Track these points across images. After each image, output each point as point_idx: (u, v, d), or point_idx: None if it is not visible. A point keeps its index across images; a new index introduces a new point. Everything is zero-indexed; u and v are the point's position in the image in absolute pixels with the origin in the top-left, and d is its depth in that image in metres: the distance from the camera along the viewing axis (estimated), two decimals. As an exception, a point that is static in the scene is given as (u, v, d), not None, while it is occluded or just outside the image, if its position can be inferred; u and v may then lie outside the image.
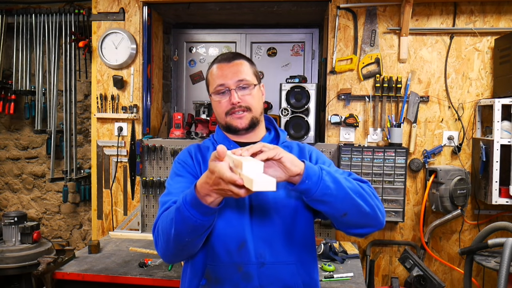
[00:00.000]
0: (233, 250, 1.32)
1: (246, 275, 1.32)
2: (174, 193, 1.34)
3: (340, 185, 1.20)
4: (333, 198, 1.19)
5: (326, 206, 1.21)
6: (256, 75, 1.48)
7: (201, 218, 1.13)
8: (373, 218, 1.27)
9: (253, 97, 1.42)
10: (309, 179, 1.15)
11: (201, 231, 1.18)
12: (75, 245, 3.79)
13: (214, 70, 1.45)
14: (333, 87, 3.04)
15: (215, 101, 1.44)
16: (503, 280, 1.88)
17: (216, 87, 1.42)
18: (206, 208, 1.11)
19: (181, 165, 1.44)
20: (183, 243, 1.21)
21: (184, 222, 1.15)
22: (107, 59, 3.16)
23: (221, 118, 1.44)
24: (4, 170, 3.85)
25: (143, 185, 3.05)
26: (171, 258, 1.32)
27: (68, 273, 2.30)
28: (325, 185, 1.16)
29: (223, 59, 1.46)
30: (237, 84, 1.40)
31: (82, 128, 3.72)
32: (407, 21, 2.87)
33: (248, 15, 3.47)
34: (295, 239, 1.37)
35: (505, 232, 2.52)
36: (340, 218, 1.24)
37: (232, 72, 1.41)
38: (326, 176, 1.18)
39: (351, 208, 1.22)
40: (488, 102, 2.82)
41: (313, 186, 1.16)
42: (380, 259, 3.08)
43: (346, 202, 1.21)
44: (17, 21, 3.40)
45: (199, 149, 1.49)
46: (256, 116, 1.43)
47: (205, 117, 3.31)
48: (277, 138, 1.52)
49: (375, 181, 2.85)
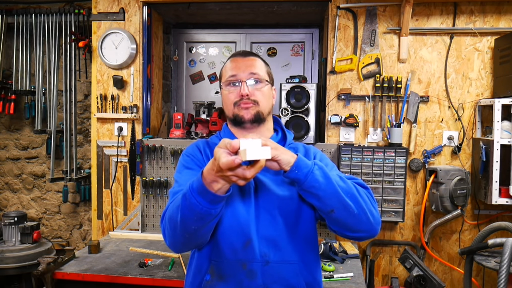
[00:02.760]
0: (239, 247, 1.33)
1: (250, 273, 1.32)
2: (184, 184, 1.31)
3: (330, 181, 1.24)
4: (321, 192, 1.23)
5: (314, 199, 1.25)
6: (269, 75, 1.48)
7: (207, 205, 1.12)
8: (364, 223, 1.28)
9: (262, 93, 1.42)
10: (298, 169, 1.21)
11: (207, 219, 1.16)
12: (75, 245, 3.79)
13: (228, 64, 1.46)
14: (333, 87, 3.04)
15: (225, 93, 1.44)
16: (503, 280, 1.88)
17: (228, 77, 1.43)
18: (212, 195, 1.10)
19: (190, 158, 1.44)
20: (190, 231, 1.20)
21: (190, 209, 1.14)
22: (107, 59, 3.16)
23: (228, 110, 1.44)
24: (4, 170, 3.85)
25: (143, 185, 3.05)
26: (178, 246, 1.29)
27: (68, 273, 2.30)
28: (313, 178, 1.22)
29: (239, 53, 1.48)
30: (249, 76, 1.41)
31: (82, 128, 3.72)
32: (407, 21, 2.87)
33: (248, 15, 3.47)
34: (299, 239, 1.38)
35: (505, 232, 2.52)
36: (328, 214, 1.28)
37: (246, 65, 1.42)
38: (317, 171, 1.23)
39: (338, 206, 1.24)
40: (488, 102, 2.82)
41: (302, 176, 1.22)
42: (380, 259, 3.08)
43: (334, 199, 1.24)
44: (17, 21, 3.40)
45: (208, 144, 1.50)
46: (263, 111, 1.43)
47: (205, 117, 3.31)
48: (284, 139, 1.52)
49: (375, 181, 2.85)
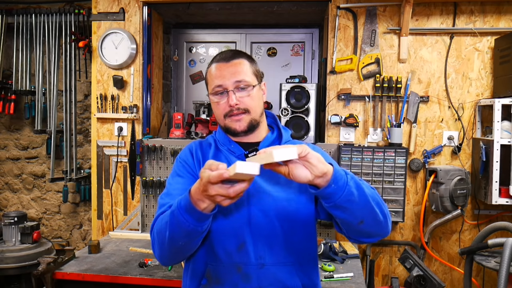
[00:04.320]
0: (233, 250, 1.32)
1: (246, 276, 1.32)
2: (172, 194, 1.34)
3: (363, 191, 1.15)
4: (355, 204, 1.13)
5: (345, 212, 1.15)
6: (256, 74, 1.43)
7: (194, 223, 1.14)
8: (384, 227, 1.24)
9: (252, 98, 1.38)
10: (335, 183, 1.09)
11: (194, 235, 1.19)
12: (75, 245, 3.79)
13: (213, 70, 1.40)
14: (333, 87, 3.03)
15: (214, 101, 1.40)
16: (503, 280, 1.88)
17: (214, 87, 1.38)
18: (199, 213, 1.11)
19: (182, 164, 1.44)
20: (178, 246, 1.22)
21: (178, 226, 1.16)
22: (107, 59, 3.16)
23: (220, 120, 1.42)
24: (4, 170, 3.85)
25: (143, 185, 3.05)
26: (166, 260, 1.32)
27: (68, 273, 2.30)
28: (350, 191, 1.11)
29: (222, 58, 1.40)
30: (235, 85, 1.36)
31: (82, 128, 3.72)
32: (407, 21, 2.87)
33: (248, 15, 3.47)
34: (296, 240, 1.36)
35: (505, 232, 2.52)
36: (356, 226, 1.19)
37: (230, 73, 1.36)
38: (351, 181, 1.12)
39: (368, 216, 1.18)
40: (488, 102, 2.82)
41: (339, 191, 1.10)
42: (380, 259, 3.08)
43: (366, 209, 1.17)
44: (17, 21, 3.40)
45: (200, 146, 1.48)
46: (255, 118, 1.40)
47: (205, 117, 3.31)
48: (279, 137, 1.48)
49: (375, 181, 2.85)
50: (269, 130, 1.50)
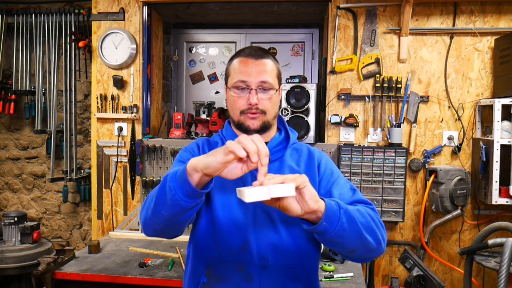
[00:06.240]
0: (235, 250, 1.31)
1: (248, 276, 1.31)
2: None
3: (355, 224, 1.15)
4: (347, 239, 1.15)
5: (336, 245, 1.18)
6: (279, 77, 1.43)
7: (180, 194, 1.10)
8: (377, 252, 1.26)
9: (271, 102, 1.38)
10: (327, 220, 1.10)
11: (176, 209, 1.13)
12: (75, 245, 3.79)
13: (238, 64, 1.38)
14: (333, 87, 3.04)
15: (232, 96, 1.38)
16: (503, 280, 1.88)
17: (236, 82, 1.36)
18: (188, 186, 1.08)
19: (187, 152, 1.43)
20: (160, 216, 1.17)
21: (164, 192, 1.13)
22: (107, 59, 3.16)
23: (234, 115, 1.40)
24: (4, 170, 3.85)
25: (143, 185, 3.05)
26: (147, 228, 1.26)
27: (68, 273, 2.30)
28: (341, 227, 1.12)
29: (251, 54, 1.38)
30: (259, 84, 1.35)
31: (82, 128, 3.72)
32: (407, 21, 2.87)
33: (248, 15, 3.47)
34: (299, 243, 1.35)
35: (505, 232, 2.52)
36: (347, 254, 1.24)
37: (257, 71, 1.35)
38: (343, 217, 1.13)
39: (360, 246, 1.20)
40: (488, 102, 2.82)
41: (330, 228, 1.11)
42: (380, 259, 3.08)
43: (357, 241, 1.18)
44: (17, 21, 3.40)
45: (208, 142, 1.48)
46: (269, 120, 1.40)
47: (205, 117, 3.31)
48: (287, 139, 1.48)
49: (375, 181, 2.85)
50: (277, 130, 1.50)
